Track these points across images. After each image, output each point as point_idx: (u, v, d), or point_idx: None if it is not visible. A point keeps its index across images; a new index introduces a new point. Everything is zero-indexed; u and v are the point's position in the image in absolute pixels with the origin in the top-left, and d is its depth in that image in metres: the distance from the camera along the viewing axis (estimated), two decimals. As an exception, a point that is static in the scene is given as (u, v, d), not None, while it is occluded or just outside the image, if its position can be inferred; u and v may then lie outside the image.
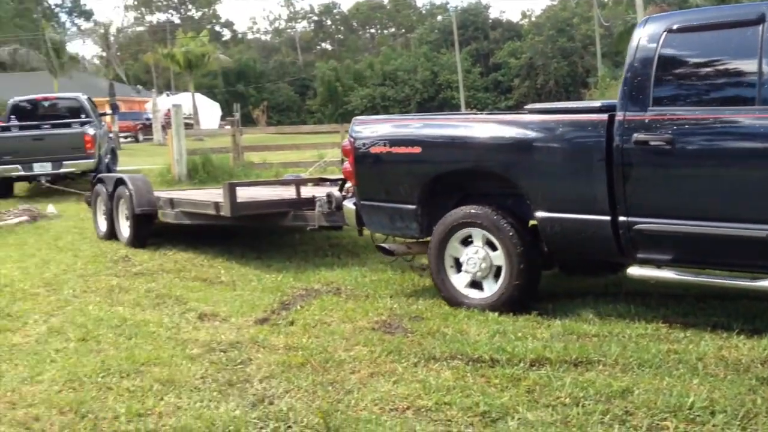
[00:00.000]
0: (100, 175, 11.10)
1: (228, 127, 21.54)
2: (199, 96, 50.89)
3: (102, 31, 56.70)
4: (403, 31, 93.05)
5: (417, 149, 6.24)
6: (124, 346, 5.31)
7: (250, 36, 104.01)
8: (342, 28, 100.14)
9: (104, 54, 58.96)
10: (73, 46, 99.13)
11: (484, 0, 78.08)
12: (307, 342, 5.23)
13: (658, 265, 5.29)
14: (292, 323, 5.76)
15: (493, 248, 5.83)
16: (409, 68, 70.05)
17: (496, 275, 5.86)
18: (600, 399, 4.04)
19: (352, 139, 6.65)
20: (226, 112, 50.55)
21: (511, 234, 5.68)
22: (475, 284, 5.99)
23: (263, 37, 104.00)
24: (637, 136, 5.13)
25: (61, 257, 8.96)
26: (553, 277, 6.71)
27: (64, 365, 4.91)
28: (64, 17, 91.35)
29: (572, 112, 5.77)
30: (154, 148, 34.02)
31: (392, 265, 7.52)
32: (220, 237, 9.62)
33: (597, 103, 5.93)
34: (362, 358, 4.87)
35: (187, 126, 23.21)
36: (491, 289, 5.88)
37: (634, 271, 5.35)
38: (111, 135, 23.16)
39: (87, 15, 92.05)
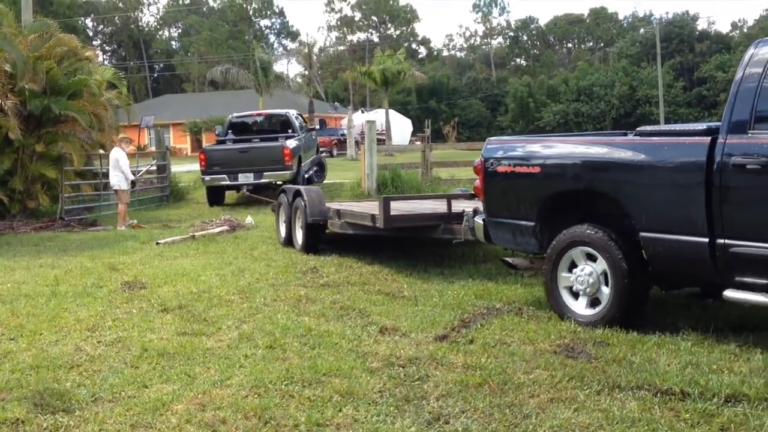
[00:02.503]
0: (283, 186, 11.75)
1: (418, 142, 21.86)
2: (392, 112, 52.10)
3: (306, 50, 59.46)
4: (602, 45, 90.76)
5: (537, 169, 6.56)
6: (308, 355, 5.46)
7: (445, 53, 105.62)
8: (538, 43, 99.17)
9: (306, 72, 61.75)
10: (279, 66, 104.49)
11: (692, 11, 74.55)
12: (485, 362, 5.14)
13: (755, 289, 5.15)
14: (471, 342, 5.69)
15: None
16: (606, 83, 68.19)
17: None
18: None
19: (482, 159, 7.05)
20: (417, 128, 51.38)
21: (616, 253, 5.82)
22: (585, 300, 6.16)
23: (458, 54, 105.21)
24: (735, 159, 5.17)
25: (255, 266, 9.39)
26: (753, 308, 6.21)
27: (251, 371, 5.11)
28: (272, 38, 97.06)
29: (678, 135, 5.82)
30: (346, 162, 35.09)
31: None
32: (403, 251, 9.74)
33: (703, 126, 5.88)
34: (542, 382, 4.72)
35: (379, 142, 23.78)
36: (597, 306, 6.03)
37: (729, 294, 5.28)
38: (321, 149, 24.21)
39: (293, 36, 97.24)
